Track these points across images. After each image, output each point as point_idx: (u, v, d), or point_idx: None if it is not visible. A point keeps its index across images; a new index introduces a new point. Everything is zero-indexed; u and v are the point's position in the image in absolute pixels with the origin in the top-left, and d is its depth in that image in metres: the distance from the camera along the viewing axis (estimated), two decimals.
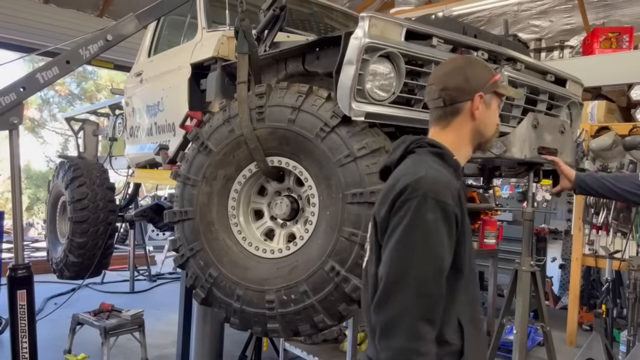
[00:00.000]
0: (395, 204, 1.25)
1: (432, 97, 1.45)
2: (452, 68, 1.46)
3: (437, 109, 1.44)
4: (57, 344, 4.61)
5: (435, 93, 1.43)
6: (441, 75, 1.46)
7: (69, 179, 4.62)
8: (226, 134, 2.31)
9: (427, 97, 1.48)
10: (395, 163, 1.40)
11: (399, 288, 1.19)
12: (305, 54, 2.43)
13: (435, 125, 1.46)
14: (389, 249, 1.24)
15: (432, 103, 1.46)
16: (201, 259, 2.32)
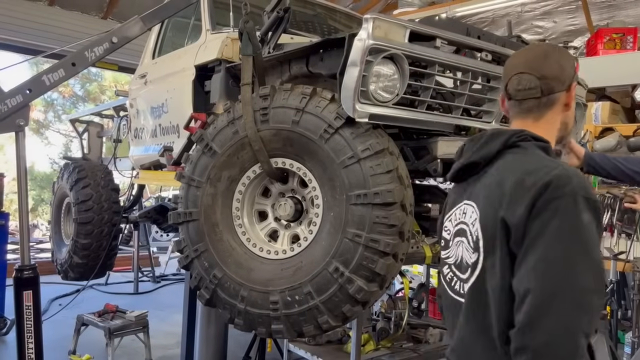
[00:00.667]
0: (536, 204, 1.09)
1: (525, 87, 1.29)
2: (544, 55, 1.31)
3: (530, 100, 1.29)
4: (61, 344, 4.62)
5: (530, 82, 1.28)
6: (534, 63, 1.30)
7: (73, 180, 4.65)
8: (230, 135, 2.32)
9: (517, 86, 1.30)
10: (490, 158, 1.27)
11: (558, 304, 1.03)
12: (309, 56, 2.43)
13: (524, 117, 1.32)
14: (536, 257, 1.07)
15: (524, 93, 1.29)
16: (205, 260, 2.33)
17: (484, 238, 1.21)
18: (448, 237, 1.39)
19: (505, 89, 1.34)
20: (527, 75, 1.29)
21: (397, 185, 2.03)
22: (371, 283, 2.03)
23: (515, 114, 1.35)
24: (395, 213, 2.01)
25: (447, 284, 1.37)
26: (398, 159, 2.13)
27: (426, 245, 2.80)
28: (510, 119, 1.38)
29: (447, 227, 1.40)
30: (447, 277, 1.37)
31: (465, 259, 1.28)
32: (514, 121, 1.35)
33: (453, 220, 1.37)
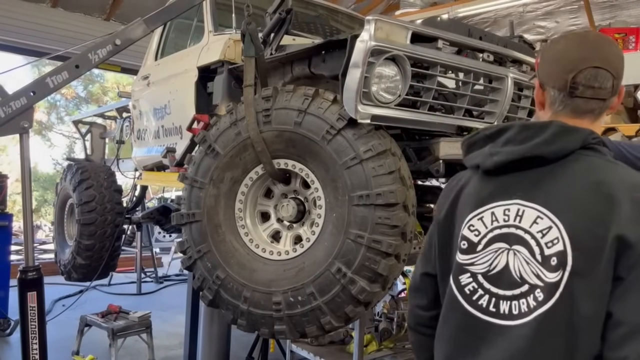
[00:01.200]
0: None
1: (601, 85, 1.12)
2: (618, 50, 1.17)
3: (597, 100, 1.14)
4: (65, 345, 4.64)
5: (607, 81, 1.12)
6: (613, 60, 1.14)
7: (76, 181, 4.66)
8: (233, 136, 2.33)
9: (592, 82, 1.12)
10: (562, 155, 1.10)
11: None
12: (312, 57, 2.44)
13: (580, 116, 1.15)
14: None
15: (596, 92, 1.13)
16: (208, 260, 2.34)
17: (579, 256, 1.01)
18: (476, 239, 1.15)
19: (570, 81, 1.12)
20: (604, 72, 1.12)
21: (400, 186, 2.03)
22: (374, 284, 2.04)
23: (570, 110, 1.15)
24: (398, 214, 2.01)
25: (464, 296, 1.15)
26: (400, 159, 2.13)
27: None
28: (552, 114, 1.18)
29: (475, 226, 1.16)
30: (468, 287, 1.15)
31: (519, 274, 1.08)
32: (565, 118, 1.15)
33: (488, 220, 1.14)
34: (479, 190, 1.19)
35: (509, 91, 2.42)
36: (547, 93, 1.19)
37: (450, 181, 1.33)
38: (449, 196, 1.26)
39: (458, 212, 1.21)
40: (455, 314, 1.16)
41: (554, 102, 1.18)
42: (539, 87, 1.21)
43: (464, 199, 1.21)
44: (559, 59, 1.16)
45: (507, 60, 2.55)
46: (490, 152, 1.17)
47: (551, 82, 1.17)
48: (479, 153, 1.20)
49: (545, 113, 1.21)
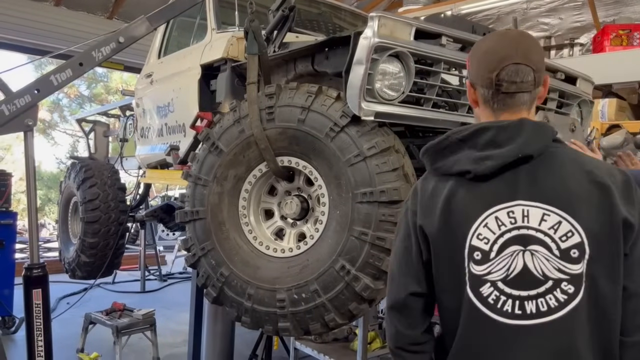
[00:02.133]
0: (635, 202, 1.12)
1: (523, 79, 1.19)
2: (535, 44, 1.24)
3: (525, 93, 1.21)
4: (69, 343, 4.66)
5: (528, 74, 1.19)
6: (529, 53, 1.21)
7: (80, 179, 4.67)
8: (236, 134, 2.33)
9: (514, 78, 1.19)
10: (540, 153, 1.16)
11: None
12: (315, 54, 2.44)
13: (516, 111, 1.22)
14: None
15: (520, 86, 1.20)
16: (212, 258, 2.34)
17: (593, 243, 1.09)
18: (487, 247, 1.14)
19: (494, 79, 1.20)
20: (524, 66, 1.19)
21: (403, 183, 2.03)
22: (377, 281, 2.04)
23: (505, 105, 1.22)
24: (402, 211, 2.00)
25: (488, 307, 1.13)
26: (404, 157, 2.13)
27: None
28: (492, 111, 1.24)
29: (483, 234, 1.14)
30: (491, 297, 1.13)
31: (541, 271, 1.11)
32: (503, 113, 1.22)
33: (494, 225, 1.14)
34: (474, 197, 1.18)
35: None
36: (477, 92, 1.26)
37: (420, 192, 1.25)
38: (432, 208, 1.21)
39: (455, 223, 1.18)
40: (481, 326, 1.14)
41: (487, 100, 1.24)
42: (470, 87, 1.29)
43: (458, 209, 1.18)
44: (483, 59, 1.24)
45: None
46: (480, 157, 1.17)
47: (479, 81, 1.25)
48: (461, 159, 1.19)
49: (482, 110, 1.27)
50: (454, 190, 1.19)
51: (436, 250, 1.20)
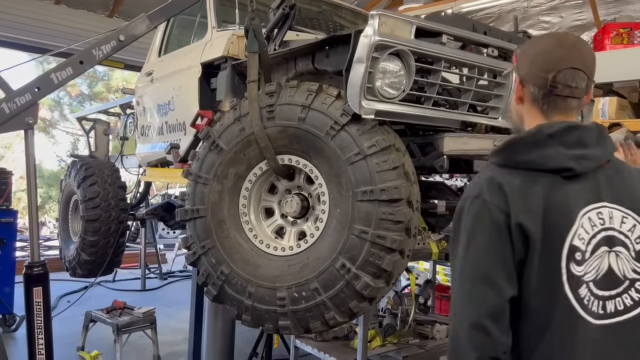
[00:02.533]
0: None
1: (578, 85, 1.22)
2: (593, 54, 1.28)
3: (575, 99, 1.24)
4: (70, 341, 4.67)
5: (583, 81, 1.23)
6: (588, 62, 1.23)
7: (81, 177, 4.67)
8: (237, 132, 2.32)
9: (571, 82, 1.21)
10: (611, 159, 1.22)
11: None
12: (315, 53, 2.43)
13: (567, 114, 1.25)
14: None
15: (573, 91, 1.22)
16: (213, 256, 2.34)
17: None
18: (584, 247, 1.15)
19: (550, 80, 1.21)
20: (581, 73, 1.21)
21: (404, 182, 2.03)
22: (378, 279, 2.03)
23: (556, 108, 1.23)
24: (402, 209, 2.01)
25: (584, 308, 1.14)
26: (404, 155, 2.13)
27: (432, 242, 2.80)
28: (540, 111, 1.25)
29: (582, 235, 1.15)
30: (585, 299, 1.14)
31: (623, 273, 1.16)
32: (554, 116, 1.24)
33: (588, 226, 1.16)
34: (570, 196, 1.17)
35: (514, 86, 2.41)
36: (526, 89, 1.27)
37: (507, 187, 1.17)
38: (531, 206, 1.15)
39: (554, 222, 1.15)
40: (577, 328, 1.14)
41: (536, 99, 1.26)
42: (519, 83, 1.29)
43: (557, 207, 1.15)
44: (540, 58, 1.24)
45: (511, 55, 2.53)
46: (577, 155, 1.17)
47: (531, 80, 1.25)
48: (554, 155, 1.17)
49: (528, 109, 1.28)
50: (551, 187, 1.16)
51: (534, 249, 1.14)
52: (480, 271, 1.15)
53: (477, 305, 1.13)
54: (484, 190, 1.18)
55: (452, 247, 1.23)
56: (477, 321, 1.12)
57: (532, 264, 1.14)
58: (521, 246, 1.14)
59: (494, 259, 1.14)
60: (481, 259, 1.15)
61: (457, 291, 1.19)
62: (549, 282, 1.14)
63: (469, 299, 1.14)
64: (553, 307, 1.13)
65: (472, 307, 1.13)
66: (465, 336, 1.12)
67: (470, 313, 1.13)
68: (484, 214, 1.17)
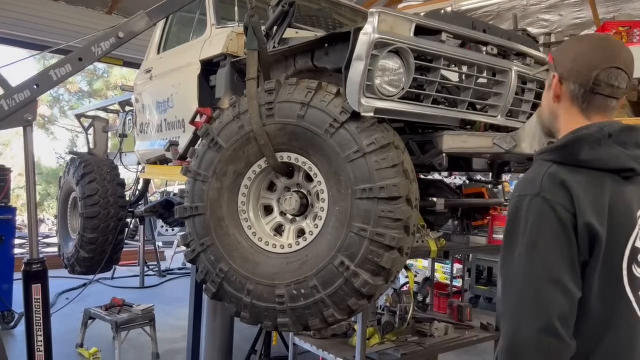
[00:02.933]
0: None
1: (620, 86, 1.22)
2: (632, 54, 1.27)
3: (615, 99, 1.24)
4: (69, 338, 4.67)
5: (625, 82, 1.23)
6: (630, 63, 1.24)
7: (79, 175, 4.67)
8: (236, 130, 2.32)
9: (614, 82, 1.21)
10: None
11: None
12: (315, 50, 2.43)
13: (606, 114, 1.25)
14: None
15: (614, 91, 1.23)
16: (212, 254, 2.34)
17: None
18: None
19: (593, 78, 1.20)
20: (624, 74, 1.22)
21: (403, 180, 2.03)
22: (377, 277, 2.03)
23: (596, 108, 1.23)
24: (401, 207, 2.01)
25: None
26: (404, 153, 2.13)
27: (431, 240, 2.80)
28: (579, 109, 1.25)
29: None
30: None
31: None
32: (595, 115, 1.23)
33: None
34: (630, 197, 1.17)
35: (513, 84, 2.41)
36: (565, 87, 1.26)
37: (572, 186, 1.13)
38: (598, 205, 1.13)
39: (618, 223, 1.14)
40: (636, 329, 1.16)
41: (575, 97, 1.25)
42: (558, 81, 1.27)
43: (620, 208, 1.15)
44: (583, 57, 1.23)
45: (511, 53, 2.53)
46: (637, 156, 1.17)
47: (572, 78, 1.24)
48: (617, 155, 1.16)
49: (566, 107, 1.27)
50: (614, 187, 1.15)
51: (599, 250, 1.11)
52: (548, 272, 1.09)
53: (546, 308, 1.07)
54: (545, 188, 1.13)
55: (506, 248, 1.16)
56: (548, 325, 1.06)
57: (595, 265, 1.12)
58: (586, 247, 1.11)
59: (561, 259, 1.10)
60: (548, 260, 1.10)
61: (516, 294, 1.11)
62: (611, 283, 1.13)
63: (537, 301, 1.08)
64: (614, 309, 1.13)
65: (541, 310, 1.07)
66: (533, 342, 1.06)
67: (539, 317, 1.07)
68: (547, 213, 1.11)
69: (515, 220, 1.16)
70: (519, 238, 1.13)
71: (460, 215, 3.28)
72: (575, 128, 1.22)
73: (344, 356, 2.74)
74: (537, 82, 2.56)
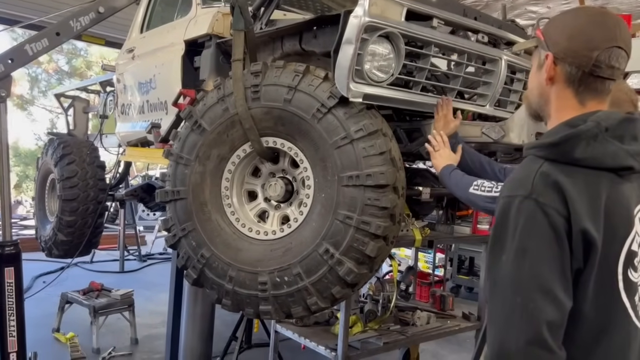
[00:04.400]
0: None
1: (620, 67, 1.12)
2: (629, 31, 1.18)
3: (612, 81, 1.14)
4: (45, 322, 4.59)
5: (624, 62, 1.13)
6: (628, 40, 1.13)
7: (58, 156, 4.56)
8: (220, 112, 2.26)
9: (614, 62, 1.11)
10: None
11: None
12: (303, 33, 2.37)
13: (602, 100, 1.15)
14: None
15: (614, 73, 1.12)
16: (193, 239, 2.29)
17: None
18: (638, 250, 1.10)
19: (594, 59, 1.09)
20: (624, 53, 1.11)
21: (390, 167, 1.99)
22: (361, 265, 2.01)
23: (593, 91, 1.13)
24: (388, 195, 1.98)
25: (636, 315, 1.11)
26: (391, 140, 2.09)
27: (416, 229, 2.78)
28: (574, 93, 1.14)
29: (638, 239, 1.10)
30: (639, 306, 1.11)
31: None
32: (590, 100, 1.13)
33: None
34: (626, 197, 1.09)
35: (503, 74, 2.39)
36: (560, 68, 1.13)
37: (568, 188, 1.04)
38: (594, 209, 1.04)
39: (614, 226, 1.06)
40: (629, 334, 1.10)
41: (572, 80, 1.13)
42: (552, 62, 1.14)
43: (617, 210, 1.07)
44: (582, 35, 1.11)
45: (501, 42, 2.51)
46: (636, 152, 1.09)
47: (569, 58, 1.12)
48: (615, 151, 1.07)
49: (560, 90, 1.15)
50: (610, 187, 1.07)
51: (594, 257, 1.04)
52: (537, 282, 1.01)
53: (535, 319, 1.00)
54: (537, 189, 1.04)
55: (494, 252, 1.08)
56: (536, 337, 0.99)
57: (590, 272, 1.04)
58: (581, 254, 1.03)
59: (552, 268, 1.01)
60: (538, 268, 1.01)
61: (503, 302, 1.04)
62: (605, 289, 1.06)
63: (525, 312, 1.00)
64: (609, 315, 1.07)
65: (529, 321, 1.00)
66: (521, 354, 0.99)
67: (527, 328, 1.00)
68: (539, 218, 1.02)
69: (504, 223, 1.07)
70: (507, 242, 1.05)
71: (445, 205, 3.27)
72: (568, 116, 1.13)
73: (326, 344, 2.72)
74: (526, 72, 2.54)
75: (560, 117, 1.15)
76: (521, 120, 2.27)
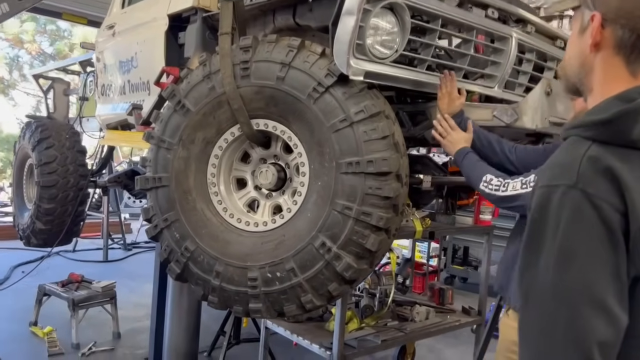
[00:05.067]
0: None
1: None
2: None
3: None
4: (22, 315, 4.38)
5: None
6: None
7: (36, 140, 4.35)
8: (206, 92, 2.06)
9: None
10: None
11: None
12: (297, 5, 2.18)
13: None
14: None
15: None
16: (176, 230, 2.10)
17: None
18: None
19: None
20: None
21: (393, 153, 1.82)
22: (361, 260, 1.85)
23: None
24: (390, 184, 1.81)
25: None
26: (394, 123, 1.92)
27: (416, 219, 2.62)
28: (625, 62, 0.96)
29: None
30: None
31: None
32: None
33: None
34: None
35: (513, 53, 2.22)
36: (610, 32, 0.95)
37: (626, 179, 0.85)
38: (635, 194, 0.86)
39: None
40: None
41: (622, 46, 0.94)
42: (600, 24, 0.96)
43: None
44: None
45: (510, 19, 2.33)
46: None
47: (621, 19, 0.93)
48: None
49: (606, 58, 0.97)
50: None
51: None
52: (587, 291, 0.83)
53: (584, 338, 0.83)
54: (584, 177, 0.86)
55: (528, 255, 0.91)
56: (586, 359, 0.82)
57: None
58: (639, 261, 0.84)
59: (604, 275, 0.83)
60: (587, 274, 0.83)
61: (543, 316, 0.87)
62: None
63: (571, 330, 0.84)
64: None
65: (577, 341, 0.83)
66: None
67: (574, 350, 0.83)
68: (587, 212, 0.84)
69: (542, 219, 0.88)
70: (546, 242, 0.87)
71: (445, 194, 3.11)
72: (618, 89, 0.93)
73: (321, 342, 2.56)
74: (537, 52, 2.37)
75: (608, 91, 0.95)
76: (535, 102, 2.11)
